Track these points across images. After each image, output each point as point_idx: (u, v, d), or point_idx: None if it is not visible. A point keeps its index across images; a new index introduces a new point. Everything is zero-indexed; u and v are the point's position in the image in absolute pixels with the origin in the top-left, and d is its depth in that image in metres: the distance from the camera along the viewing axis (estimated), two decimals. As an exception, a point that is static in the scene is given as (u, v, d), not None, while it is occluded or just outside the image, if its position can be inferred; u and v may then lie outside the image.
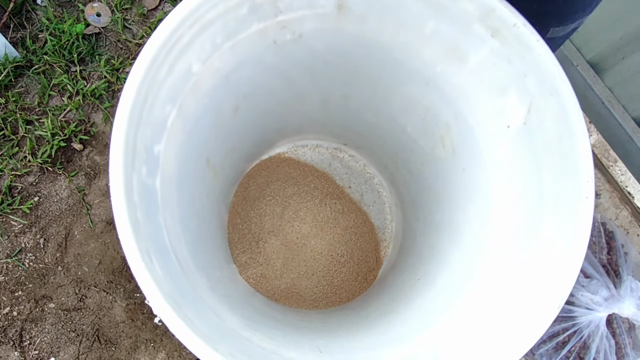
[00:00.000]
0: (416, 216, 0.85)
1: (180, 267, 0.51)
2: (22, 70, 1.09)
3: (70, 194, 1.05)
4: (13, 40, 1.10)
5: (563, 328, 0.79)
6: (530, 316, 0.50)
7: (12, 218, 1.03)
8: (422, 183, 0.81)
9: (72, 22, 1.10)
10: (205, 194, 0.71)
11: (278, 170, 0.96)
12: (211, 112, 0.63)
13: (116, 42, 1.12)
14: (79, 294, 1.02)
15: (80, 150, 1.07)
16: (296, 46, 0.63)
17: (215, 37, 0.55)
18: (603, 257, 0.85)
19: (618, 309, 0.77)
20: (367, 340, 0.63)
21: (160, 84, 0.51)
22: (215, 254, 0.76)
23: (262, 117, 0.77)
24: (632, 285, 0.79)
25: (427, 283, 0.70)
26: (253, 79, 0.66)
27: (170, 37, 0.49)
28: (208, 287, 0.57)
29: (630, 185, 1.07)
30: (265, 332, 0.57)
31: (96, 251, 1.03)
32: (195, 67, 0.55)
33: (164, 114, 0.53)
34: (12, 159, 1.05)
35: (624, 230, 1.06)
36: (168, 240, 0.52)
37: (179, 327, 0.41)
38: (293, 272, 0.91)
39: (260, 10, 0.55)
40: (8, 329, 1.00)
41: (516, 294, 0.54)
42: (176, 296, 0.44)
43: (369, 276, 0.92)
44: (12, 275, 1.02)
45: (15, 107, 1.07)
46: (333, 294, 0.90)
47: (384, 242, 0.96)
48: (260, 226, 0.92)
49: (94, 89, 1.08)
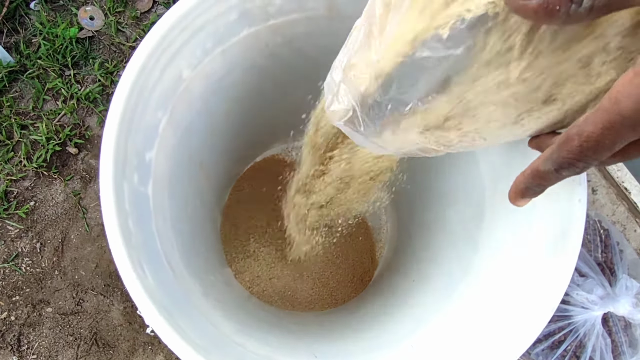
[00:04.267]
0: (410, 216, 0.85)
1: (172, 274, 0.51)
2: (16, 75, 1.08)
3: (66, 198, 1.05)
4: (6, 45, 1.09)
5: (559, 327, 0.79)
6: (526, 316, 0.50)
7: (8, 223, 1.03)
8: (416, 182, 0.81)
9: (66, 26, 1.09)
10: (198, 197, 0.71)
11: (271, 172, 0.96)
12: (203, 117, 0.63)
13: (110, 45, 1.12)
14: (76, 297, 1.02)
15: (75, 154, 1.07)
16: (288, 50, 0.63)
17: (206, 43, 0.54)
18: (598, 255, 0.85)
19: (614, 307, 0.77)
20: (363, 343, 0.64)
21: (151, 90, 0.51)
22: (209, 258, 0.76)
23: (255, 121, 0.77)
24: (628, 283, 0.79)
25: (422, 284, 0.70)
26: (245, 83, 0.65)
27: (160, 43, 0.49)
28: (201, 292, 0.57)
29: (626, 180, 1.07)
30: (260, 337, 0.57)
31: (93, 255, 1.03)
32: (186, 73, 0.55)
33: (155, 120, 0.53)
34: (8, 164, 1.05)
35: (621, 226, 1.06)
36: (160, 246, 0.52)
37: (171, 337, 0.41)
38: (288, 275, 0.91)
39: (251, 15, 0.55)
40: (6, 334, 1.00)
41: (510, 294, 0.54)
42: (168, 305, 0.44)
43: (364, 277, 0.93)
44: (9, 280, 1.02)
45: (10, 111, 1.06)
46: (329, 296, 0.90)
47: (379, 243, 0.96)
48: (254, 228, 0.92)
49: (88, 93, 1.08)
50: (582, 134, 0.25)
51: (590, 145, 0.25)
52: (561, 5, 0.22)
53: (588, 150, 0.26)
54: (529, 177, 0.32)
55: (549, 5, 0.22)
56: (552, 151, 0.28)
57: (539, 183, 0.32)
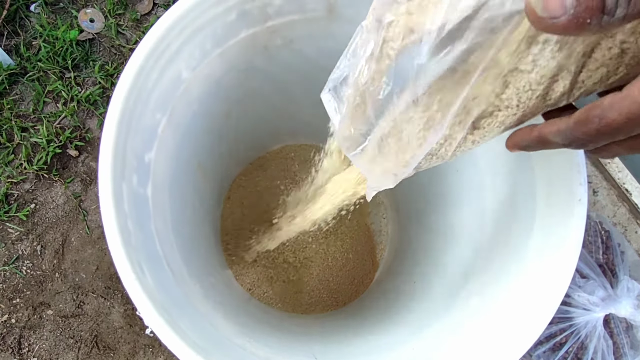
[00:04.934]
0: (410, 218, 0.85)
1: (172, 276, 0.51)
2: (17, 78, 1.08)
3: (66, 200, 1.05)
4: (7, 48, 1.09)
5: (560, 329, 0.79)
6: (527, 318, 0.50)
7: (9, 225, 1.03)
8: (416, 184, 0.81)
9: (66, 29, 1.09)
10: (198, 199, 0.71)
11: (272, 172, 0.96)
12: (202, 118, 0.63)
13: (110, 47, 1.12)
14: (77, 300, 1.02)
15: (75, 156, 1.07)
16: (287, 51, 0.63)
17: (205, 44, 0.54)
18: (599, 256, 0.85)
19: (615, 309, 0.77)
20: (364, 345, 0.63)
21: (150, 92, 0.51)
22: (209, 260, 0.76)
23: (254, 122, 0.77)
24: (629, 285, 0.78)
25: (423, 286, 0.70)
26: (244, 84, 0.65)
27: (158, 45, 0.49)
28: (202, 294, 0.57)
29: (627, 182, 1.07)
30: (260, 339, 0.57)
31: (93, 257, 1.03)
32: (185, 74, 0.55)
33: (154, 121, 0.53)
34: (8, 167, 1.05)
35: (622, 227, 1.06)
36: (160, 248, 0.52)
37: (171, 338, 0.41)
38: (289, 277, 0.91)
39: (249, 16, 0.55)
40: (6, 337, 1.00)
41: (511, 296, 0.54)
42: (168, 306, 0.44)
43: (365, 279, 0.92)
44: (10, 283, 1.02)
45: (10, 114, 1.06)
46: (329, 298, 0.90)
47: (380, 245, 0.96)
48: (254, 230, 0.92)
49: (88, 95, 1.08)
50: (603, 118, 0.25)
51: (609, 131, 0.25)
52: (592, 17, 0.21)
53: (605, 135, 0.25)
54: (534, 139, 0.31)
55: (579, 20, 0.21)
56: (566, 127, 0.28)
57: (541, 147, 0.31)
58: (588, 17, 0.21)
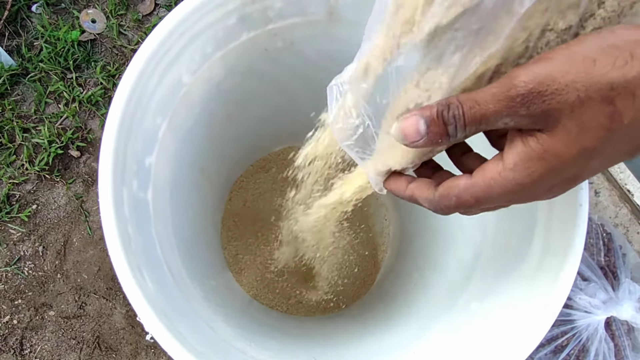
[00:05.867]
0: (412, 220, 0.84)
1: (172, 279, 0.51)
2: (18, 78, 1.09)
3: (68, 201, 1.05)
4: (8, 49, 1.09)
5: (562, 331, 0.79)
6: (528, 321, 0.50)
7: (11, 226, 1.03)
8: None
9: (67, 29, 1.09)
10: (199, 202, 0.71)
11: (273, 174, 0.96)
12: (203, 122, 0.63)
13: (112, 48, 1.12)
14: (79, 301, 1.02)
15: (77, 157, 1.07)
16: (288, 53, 0.63)
17: (205, 47, 0.54)
18: (601, 259, 0.85)
19: (616, 311, 0.77)
20: (364, 348, 0.63)
21: (150, 95, 0.51)
22: (211, 263, 0.76)
23: (256, 124, 0.77)
24: (631, 287, 0.78)
25: (424, 289, 0.70)
26: (245, 87, 0.65)
27: (159, 49, 0.49)
28: (202, 297, 0.57)
29: (629, 183, 1.06)
30: (261, 342, 0.57)
31: (95, 258, 1.03)
32: (186, 78, 0.55)
33: (154, 125, 0.53)
34: (10, 167, 1.05)
35: (624, 228, 1.05)
36: (161, 252, 0.52)
37: (171, 344, 0.41)
38: (290, 279, 0.91)
39: (250, 19, 0.55)
40: (8, 337, 1.00)
41: (513, 298, 0.54)
42: (168, 311, 0.44)
43: (367, 281, 0.92)
44: (12, 284, 1.02)
45: (12, 115, 1.07)
46: (330, 300, 0.90)
47: (382, 246, 0.96)
48: (255, 232, 0.92)
49: (90, 96, 1.08)
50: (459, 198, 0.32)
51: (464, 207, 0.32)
52: (442, 138, 0.29)
53: (461, 208, 0.33)
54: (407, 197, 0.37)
55: (433, 140, 0.29)
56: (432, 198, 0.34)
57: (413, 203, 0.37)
58: (439, 139, 0.29)
